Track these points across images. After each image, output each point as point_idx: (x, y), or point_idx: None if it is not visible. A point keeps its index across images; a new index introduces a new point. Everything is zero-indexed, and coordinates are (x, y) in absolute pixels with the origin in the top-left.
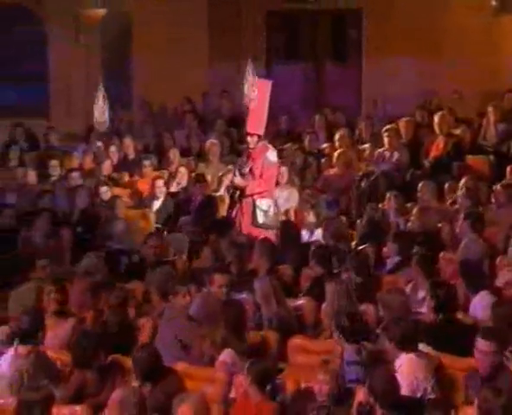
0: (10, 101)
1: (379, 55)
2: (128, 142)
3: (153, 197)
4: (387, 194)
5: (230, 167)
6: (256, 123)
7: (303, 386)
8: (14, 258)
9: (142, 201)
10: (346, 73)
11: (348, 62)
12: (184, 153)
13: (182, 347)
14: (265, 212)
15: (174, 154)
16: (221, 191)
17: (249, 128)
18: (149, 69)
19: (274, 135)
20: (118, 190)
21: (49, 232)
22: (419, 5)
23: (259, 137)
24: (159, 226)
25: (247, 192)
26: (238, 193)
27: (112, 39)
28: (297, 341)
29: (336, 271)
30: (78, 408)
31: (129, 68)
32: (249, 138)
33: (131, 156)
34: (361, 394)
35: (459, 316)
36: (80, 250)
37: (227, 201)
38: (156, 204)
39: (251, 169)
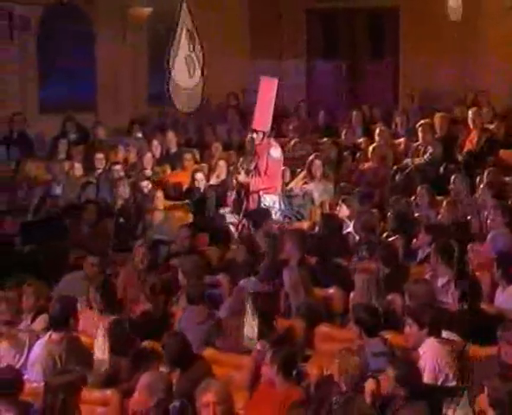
0: (60, 97)
1: (415, 53)
2: (170, 136)
3: (192, 189)
4: (419, 188)
5: None
6: (261, 120)
7: (327, 372)
8: (55, 248)
9: (181, 194)
10: (383, 70)
11: (385, 59)
12: (225, 147)
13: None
14: (270, 208)
15: (216, 148)
16: None
17: (254, 125)
18: None
19: (312, 130)
20: (158, 182)
21: (94, 222)
22: None
23: (263, 133)
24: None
25: (252, 188)
26: (243, 190)
27: (157, 37)
28: (323, 329)
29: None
30: (108, 392)
31: None
32: (254, 135)
33: (173, 149)
34: (372, 384)
35: (484, 306)
36: (121, 240)
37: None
38: (195, 196)
39: (256, 166)
